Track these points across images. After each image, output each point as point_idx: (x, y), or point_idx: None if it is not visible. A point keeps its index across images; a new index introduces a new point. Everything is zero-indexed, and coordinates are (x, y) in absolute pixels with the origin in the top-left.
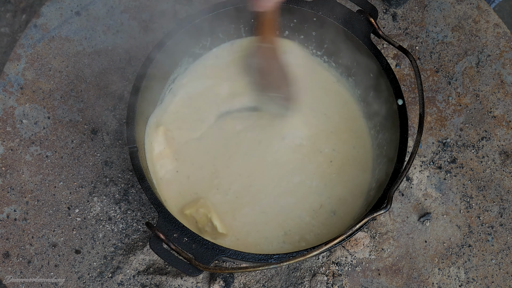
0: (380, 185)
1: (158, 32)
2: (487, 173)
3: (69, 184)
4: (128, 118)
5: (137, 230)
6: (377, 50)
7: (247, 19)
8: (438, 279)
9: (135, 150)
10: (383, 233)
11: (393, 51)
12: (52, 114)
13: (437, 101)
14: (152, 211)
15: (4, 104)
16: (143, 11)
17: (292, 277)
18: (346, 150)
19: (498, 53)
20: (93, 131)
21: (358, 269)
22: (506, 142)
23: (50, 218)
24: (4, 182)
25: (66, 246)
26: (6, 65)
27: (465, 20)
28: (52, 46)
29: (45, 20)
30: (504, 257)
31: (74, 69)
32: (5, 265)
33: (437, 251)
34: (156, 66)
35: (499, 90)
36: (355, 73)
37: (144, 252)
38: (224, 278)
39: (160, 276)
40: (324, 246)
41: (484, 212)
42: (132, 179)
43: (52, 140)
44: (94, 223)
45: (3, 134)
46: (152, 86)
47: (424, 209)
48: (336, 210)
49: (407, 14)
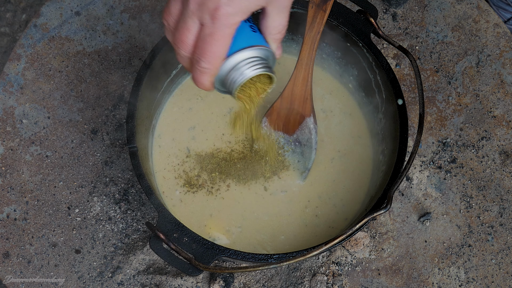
0: (380, 185)
1: (158, 32)
2: (487, 173)
3: (69, 184)
4: (128, 118)
5: (137, 230)
6: (377, 50)
7: None
8: (438, 279)
9: (135, 150)
10: (383, 233)
11: (393, 51)
12: (52, 114)
13: (437, 101)
14: (152, 211)
15: (4, 104)
16: (143, 11)
17: (292, 277)
18: (347, 148)
19: (498, 53)
20: (93, 131)
21: (358, 269)
22: (506, 142)
23: (50, 218)
24: (4, 182)
25: (66, 246)
26: (6, 65)
27: (465, 20)
28: (52, 46)
29: (45, 20)
30: (504, 257)
31: (74, 69)
32: (5, 265)
33: (437, 251)
34: (156, 66)
35: (499, 90)
36: (355, 72)
37: (144, 252)
38: (224, 278)
39: (160, 276)
40: (324, 246)
41: (484, 212)
42: (132, 179)
43: (52, 140)
44: (94, 223)
45: (3, 134)
46: (152, 86)
47: (424, 209)
48: (338, 211)
49: (407, 14)
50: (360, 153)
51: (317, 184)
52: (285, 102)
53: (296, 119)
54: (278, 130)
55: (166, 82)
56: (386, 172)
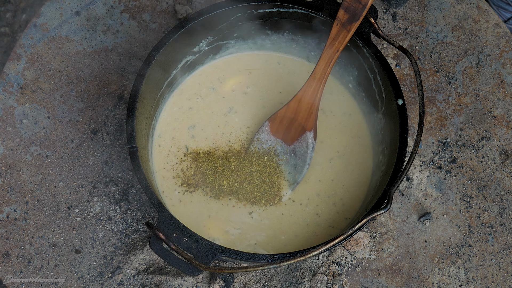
0: (380, 185)
1: (158, 32)
2: (487, 173)
3: (69, 184)
4: (128, 118)
5: (137, 230)
6: (377, 50)
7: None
8: (438, 279)
9: (135, 150)
10: (383, 233)
11: (393, 51)
12: (52, 114)
13: (437, 101)
14: (152, 211)
15: (4, 104)
16: (143, 11)
17: (292, 277)
18: (346, 148)
19: (498, 53)
20: (93, 131)
21: (358, 269)
22: (506, 142)
23: (50, 218)
24: (4, 182)
25: (66, 246)
26: (6, 65)
27: (465, 20)
28: (52, 46)
29: (45, 20)
30: (504, 257)
31: (74, 69)
32: (5, 265)
33: (437, 251)
34: (156, 66)
35: (499, 90)
36: (355, 72)
37: (144, 252)
38: (224, 278)
39: (160, 276)
40: (324, 246)
41: (484, 212)
42: (132, 179)
43: (52, 140)
44: (94, 223)
45: (3, 134)
46: (152, 86)
47: (424, 209)
48: (338, 210)
49: (407, 14)
50: (360, 153)
51: (317, 183)
52: (290, 111)
53: (297, 131)
54: (277, 137)
55: (166, 82)
56: (386, 172)
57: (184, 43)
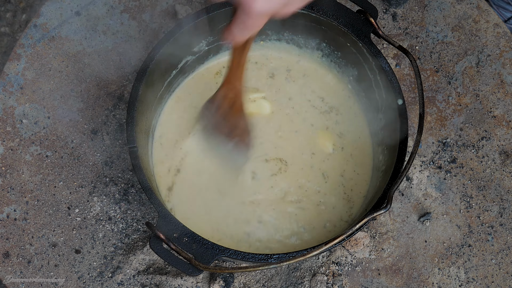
0: (380, 185)
1: (158, 32)
2: (487, 173)
3: (69, 184)
4: (128, 118)
5: (137, 230)
6: (377, 50)
7: None
8: (438, 279)
9: (135, 150)
10: (383, 233)
11: (393, 51)
12: (52, 114)
13: (437, 101)
14: (152, 211)
15: (4, 104)
16: (143, 11)
17: (292, 277)
18: (346, 149)
19: (498, 53)
20: (93, 131)
21: (358, 269)
22: (506, 142)
23: (50, 218)
24: (4, 182)
25: (66, 246)
26: (6, 65)
27: (465, 20)
28: (52, 46)
29: (45, 20)
30: (504, 257)
31: (74, 69)
32: (5, 265)
33: (437, 251)
34: (156, 66)
35: (499, 90)
36: (355, 72)
37: (144, 252)
38: (224, 278)
39: (160, 276)
40: (324, 246)
41: (484, 212)
42: (132, 179)
43: (52, 140)
44: (94, 223)
45: (3, 134)
46: (152, 86)
47: (424, 209)
48: (337, 209)
49: (407, 14)
50: (360, 153)
51: (316, 183)
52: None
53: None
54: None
55: (166, 82)
56: (386, 172)
57: (184, 43)
